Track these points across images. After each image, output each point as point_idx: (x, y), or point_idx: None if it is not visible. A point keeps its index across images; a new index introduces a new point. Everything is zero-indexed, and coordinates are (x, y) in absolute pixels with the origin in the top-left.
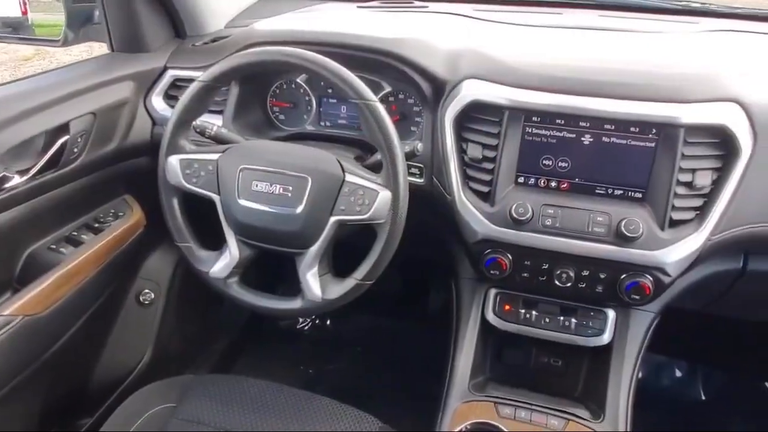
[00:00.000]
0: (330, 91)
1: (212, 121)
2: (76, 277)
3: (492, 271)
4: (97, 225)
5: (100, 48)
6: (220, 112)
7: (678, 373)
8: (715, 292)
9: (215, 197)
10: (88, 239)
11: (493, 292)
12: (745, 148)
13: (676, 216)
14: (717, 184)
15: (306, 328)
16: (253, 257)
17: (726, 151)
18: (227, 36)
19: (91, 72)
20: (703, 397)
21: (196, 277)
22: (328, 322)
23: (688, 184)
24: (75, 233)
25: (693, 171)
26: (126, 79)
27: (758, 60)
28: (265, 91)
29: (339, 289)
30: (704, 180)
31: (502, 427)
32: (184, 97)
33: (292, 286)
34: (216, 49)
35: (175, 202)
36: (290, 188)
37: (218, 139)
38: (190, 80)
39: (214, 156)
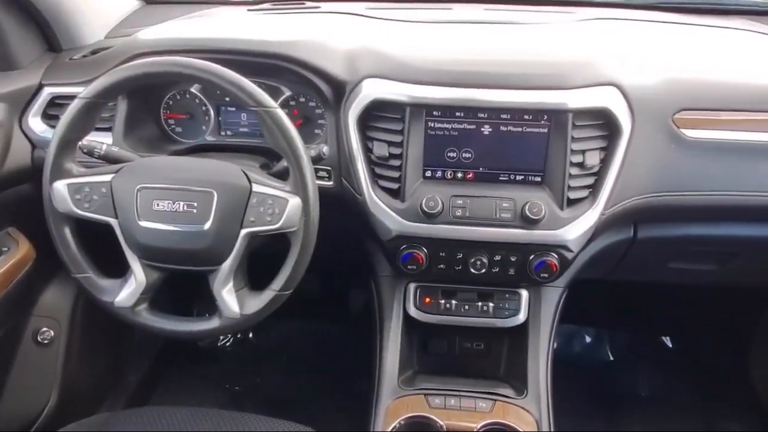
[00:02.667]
0: (228, 99)
1: (101, 140)
2: None
3: (409, 267)
4: None
5: None
6: (108, 129)
7: (587, 339)
8: (612, 261)
9: (112, 221)
10: None
11: (412, 286)
12: (625, 128)
13: (573, 195)
14: (605, 163)
15: (227, 344)
16: (162, 280)
17: (609, 132)
18: (108, 47)
19: None
20: (611, 358)
21: (99, 308)
22: (251, 335)
23: (580, 165)
24: None
25: (583, 152)
26: None
27: (630, 45)
28: (156, 103)
29: (257, 302)
30: (593, 160)
31: (435, 418)
32: (66, 116)
33: (208, 303)
34: (97, 62)
35: (67, 230)
36: (195, 204)
37: (109, 159)
38: (71, 97)
39: (107, 177)
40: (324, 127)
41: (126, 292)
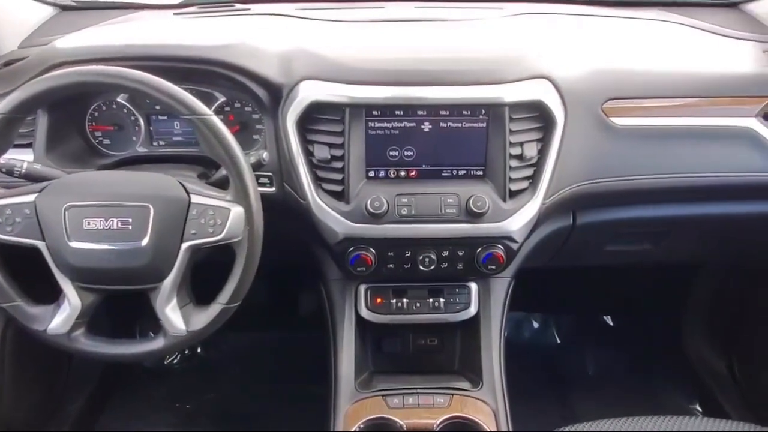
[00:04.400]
0: (158, 107)
1: (21, 158)
2: None
3: (358, 268)
4: None
5: None
6: (29, 146)
7: (535, 325)
8: (554, 249)
9: (39, 244)
10: None
11: (362, 287)
12: (559, 119)
13: (514, 187)
14: (542, 154)
15: (175, 361)
16: (99, 302)
17: (544, 123)
18: (23, 57)
19: None
20: (558, 341)
21: (31, 338)
22: (199, 350)
23: (519, 157)
24: None
25: (521, 144)
26: None
27: (557, 39)
28: (81, 115)
29: (204, 317)
30: (531, 151)
31: (394, 418)
32: None
33: (152, 321)
34: (11, 75)
35: None
36: (130, 220)
37: (32, 177)
38: None
39: (30, 197)
40: (262, 133)
41: (60, 318)
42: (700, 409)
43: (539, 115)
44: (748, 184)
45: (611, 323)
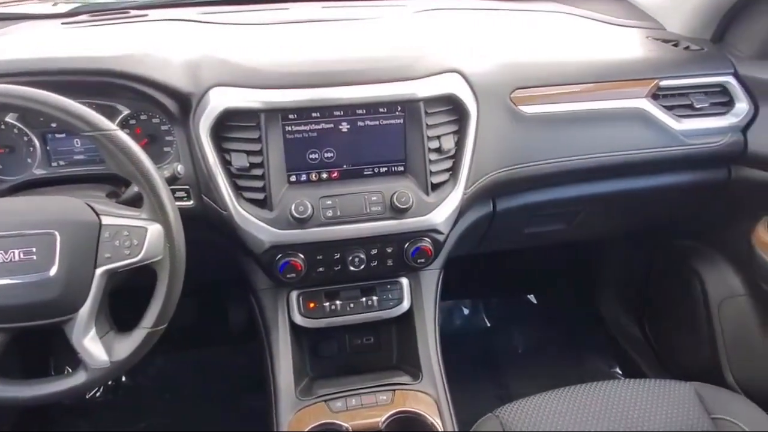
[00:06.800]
0: (54, 124)
1: None
2: None
3: (288, 275)
4: None
5: None
6: None
7: (466, 311)
8: (477, 236)
9: None
10: None
11: (294, 294)
12: (472, 111)
13: (435, 180)
14: (459, 145)
15: (98, 394)
16: (6, 342)
17: (459, 116)
18: None
19: None
20: (489, 324)
21: None
22: (124, 379)
23: (438, 150)
24: None
25: (438, 137)
26: None
27: (463, 34)
28: None
29: (128, 345)
30: (449, 144)
31: (339, 422)
32: None
33: (68, 355)
34: None
35: None
36: (33, 250)
37: None
38: None
39: None
40: (173, 144)
41: None
42: (620, 372)
43: (453, 108)
44: (645, 159)
45: (535, 301)
